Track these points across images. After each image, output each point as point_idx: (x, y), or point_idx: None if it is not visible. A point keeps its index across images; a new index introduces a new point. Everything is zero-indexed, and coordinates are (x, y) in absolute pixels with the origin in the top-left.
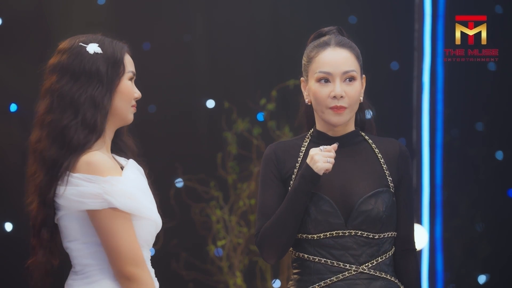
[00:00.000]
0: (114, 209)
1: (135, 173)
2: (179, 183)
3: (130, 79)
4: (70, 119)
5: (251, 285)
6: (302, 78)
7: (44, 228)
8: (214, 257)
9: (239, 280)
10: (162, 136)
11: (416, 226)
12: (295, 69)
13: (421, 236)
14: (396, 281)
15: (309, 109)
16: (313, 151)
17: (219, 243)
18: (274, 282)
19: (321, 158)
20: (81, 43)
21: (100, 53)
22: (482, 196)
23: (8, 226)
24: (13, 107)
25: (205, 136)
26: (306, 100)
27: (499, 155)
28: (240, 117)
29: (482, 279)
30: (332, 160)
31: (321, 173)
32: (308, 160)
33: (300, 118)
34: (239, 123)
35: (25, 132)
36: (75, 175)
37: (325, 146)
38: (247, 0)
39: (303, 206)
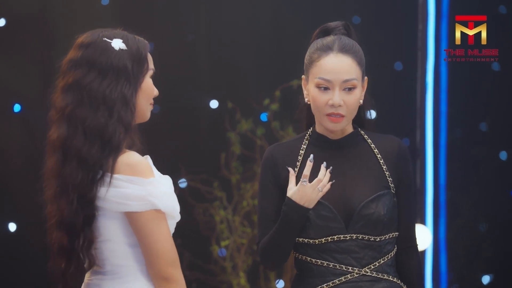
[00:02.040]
0: (157, 210)
1: (157, 171)
2: (183, 183)
3: (150, 76)
4: (106, 117)
5: (255, 285)
6: (303, 76)
7: (87, 229)
8: (218, 257)
9: (242, 281)
10: (166, 136)
11: (420, 227)
12: (298, 69)
13: (424, 237)
14: (399, 281)
15: (310, 107)
16: (300, 192)
17: (223, 243)
18: (277, 282)
19: (312, 192)
20: (105, 38)
21: (125, 49)
22: (486, 196)
23: (12, 227)
24: (17, 108)
25: (208, 136)
26: (306, 99)
27: (503, 155)
28: (243, 117)
29: (486, 279)
30: (326, 189)
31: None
32: (297, 199)
33: (300, 113)
34: (242, 123)
35: (28, 133)
36: (116, 176)
37: (305, 180)
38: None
39: (296, 231)
